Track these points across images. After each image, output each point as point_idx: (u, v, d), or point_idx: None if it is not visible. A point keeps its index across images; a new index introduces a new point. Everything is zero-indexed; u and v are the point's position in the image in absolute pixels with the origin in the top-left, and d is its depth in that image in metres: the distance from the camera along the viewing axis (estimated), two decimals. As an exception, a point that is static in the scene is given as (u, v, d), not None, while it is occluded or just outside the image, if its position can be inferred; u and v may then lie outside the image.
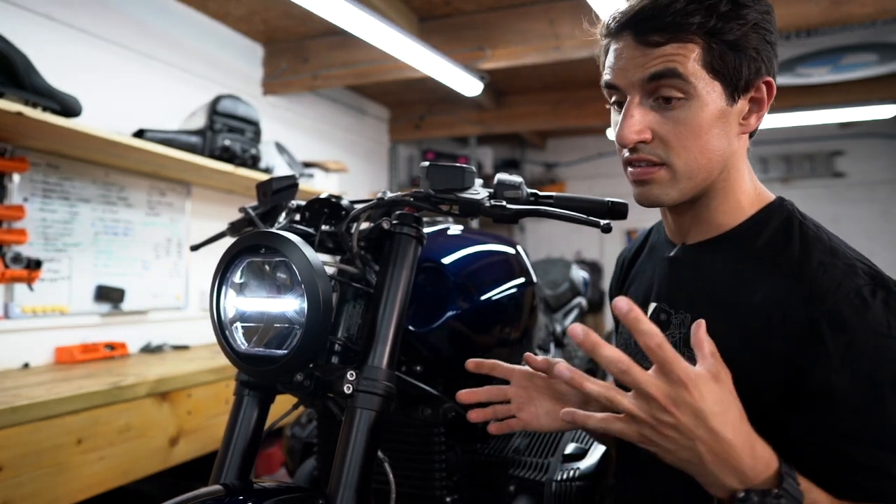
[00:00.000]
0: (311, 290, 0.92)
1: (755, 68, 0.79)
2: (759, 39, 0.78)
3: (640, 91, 0.81)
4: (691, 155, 0.81)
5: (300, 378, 1.00)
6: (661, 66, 0.78)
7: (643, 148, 0.83)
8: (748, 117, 0.83)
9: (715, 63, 0.78)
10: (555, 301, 1.98)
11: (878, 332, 0.70)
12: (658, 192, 0.85)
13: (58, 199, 2.23)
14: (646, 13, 0.78)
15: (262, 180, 2.59)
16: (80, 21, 2.37)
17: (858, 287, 0.72)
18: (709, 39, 0.77)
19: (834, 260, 0.76)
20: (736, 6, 0.77)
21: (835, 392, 0.69)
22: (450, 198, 1.05)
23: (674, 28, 0.77)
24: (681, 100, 0.79)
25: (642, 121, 0.81)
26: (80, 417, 1.61)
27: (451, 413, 1.20)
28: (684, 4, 0.76)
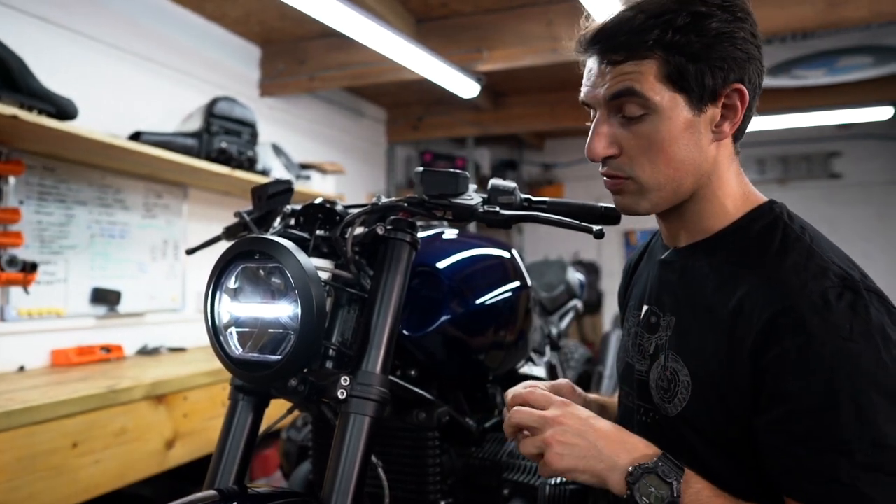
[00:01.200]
0: (304, 295, 0.93)
1: (721, 77, 0.79)
2: (724, 48, 0.78)
3: (606, 108, 0.84)
4: (657, 167, 0.83)
5: (294, 383, 1.00)
6: (620, 86, 0.81)
7: (611, 163, 0.86)
8: (721, 125, 0.83)
9: (674, 76, 0.79)
10: (551, 303, 1.98)
11: (837, 334, 0.69)
12: (630, 201, 0.88)
13: (54, 201, 2.23)
14: (606, 32, 0.81)
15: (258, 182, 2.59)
16: (76, 23, 2.37)
17: (824, 289, 0.72)
18: (667, 54, 0.78)
19: (807, 262, 0.76)
20: (696, 17, 0.77)
21: (789, 393, 0.70)
22: (444, 203, 1.06)
23: (631, 46, 0.79)
24: (643, 115, 0.81)
25: (609, 136, 0.85)
26: (75, 421, 1.61)
27: (446, 417, 1.20)
28: (641, 21, 0.78)
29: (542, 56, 2.86)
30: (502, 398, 1.47)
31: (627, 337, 1.01)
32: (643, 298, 0.98)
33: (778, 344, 0.71)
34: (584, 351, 2.30)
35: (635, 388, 0.93)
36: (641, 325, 0.95)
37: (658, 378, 0.87)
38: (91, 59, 2.44)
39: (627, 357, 0.98)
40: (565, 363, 2.17)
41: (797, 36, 2.83)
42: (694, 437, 0.81)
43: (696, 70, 0.78)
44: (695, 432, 0.81)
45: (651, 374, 0.88)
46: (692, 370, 0.81)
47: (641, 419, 0.91)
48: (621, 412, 1.00)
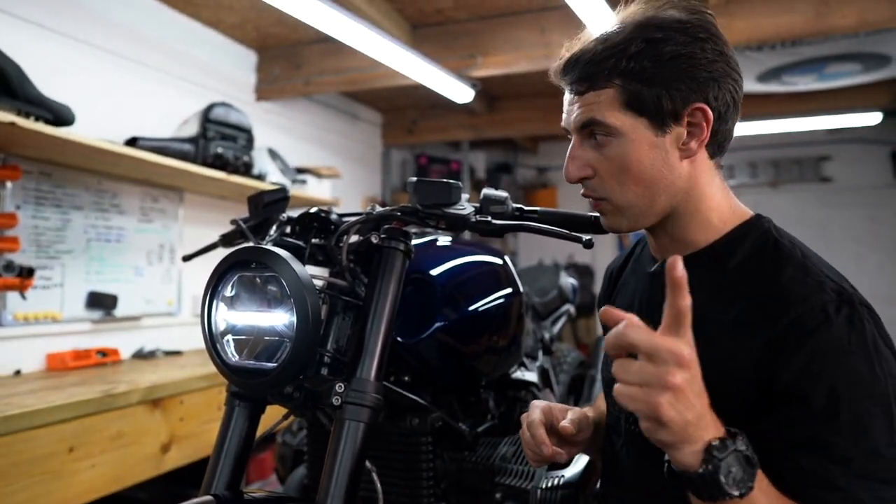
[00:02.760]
0: (300, 304, 0.95)
1: (680, 99, 0.82)
2: (681, 70, 0.82)
3: (579, 134, 0.89)
4: (626, 188, 0.87)
5: (290, 390, 1.02)
6: (584, 117, 0.86)
7: (587, 184, 0.91)
8: (688, 143, 0.85)
9: (632, 102, 0.83)
10: (543, 308, 2.01)
11: (838, 346, 0.73)
12: (611, 221, 0.93)
13: (50, 206, 2.25)
14: (570, 64, 0.87)
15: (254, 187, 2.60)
16: (73, 29, 2.38)
17: (823, 302, 0.75)
18: (623, 81, 0.83)
19: (804, 277, 0.79)
20: (650, 43, 0.82)
21: (793, 400, 0.73)
22: (437, 213, 1.08)
23: (591, 77, 0.84)
24: (609, 138, 0.86)
25: (582, 160, 0.89)
26: (72, 425, 1.63)
27: (439, 422, 1.22)
28: (599, 52, 0.84)
29: (535, 62, 2.88)
30: (495, 403, 1.49)
31: None
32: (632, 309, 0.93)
33: (784, 353, 0.74)
34: (576, 354, 2.32)
35: None
36: None
37: None
38: (88, 65, 2.45)
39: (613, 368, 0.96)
40: (558, 367, 2.19)
41: (787, 43, 2.86)
42: None
43: (652, 94, 0.82)
44: None
45: None
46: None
47: (631, 428, 0.92)
48: (609, 421, 1.02)
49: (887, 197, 5.18)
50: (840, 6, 2.51)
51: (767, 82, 3.40)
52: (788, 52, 2.94)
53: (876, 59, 3.06)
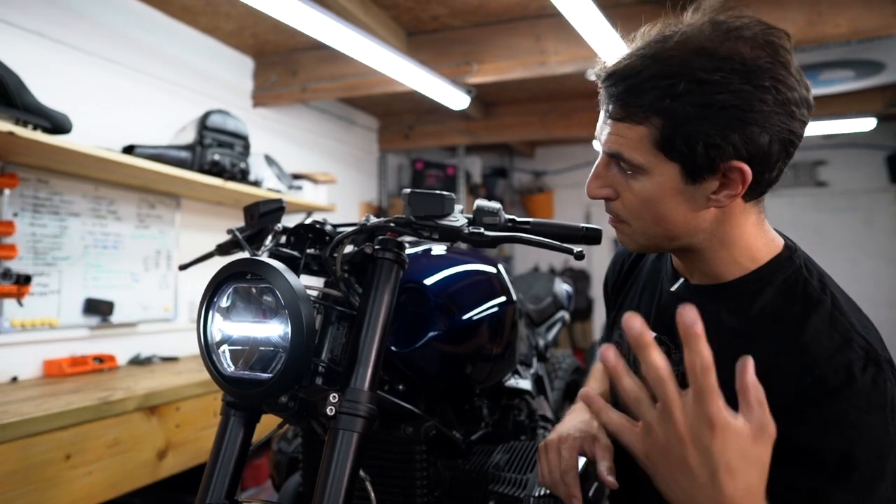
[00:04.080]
0: (294, 316, 0.96)
1: (717, 153, 0.74)
2: (729, 124, 0.72)
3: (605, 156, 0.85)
4: (646, 222, 0.84)
5: (285, 399, 1.03)
6: (612, 148, 0.81)
7: (608, 204, 0.88)
8: (718, 194, 0.78)
9: (665, 145, 0.76)
10: (538, 315, 2.02)
11: (858, 407, 0.71)
12: (626, 241, 0.90)
13: (48, 213, 2.26)
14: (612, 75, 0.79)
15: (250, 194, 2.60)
16: (70, 38, 2.40)
17: (850, 361, 0.72)
18: (661, 121, 0.75)
19: (831, 331, 0.76)
20: (700, 86, 0.72)
21: (807, 453, 0.71)
22: (430, 224, 1.09)
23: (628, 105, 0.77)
24: (635, 173, 0.80)
25: (605, 180, 0.85)
26: (68, 433, 1.63)
27: (432, 431, 1.23)
28: (644, 79, 0.75)
29: (530, 69, 2.90)
30: (489, 410, 1.51)
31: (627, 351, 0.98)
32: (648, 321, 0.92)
33: (804, 409, 0.72)
34: (571, 360, 2.34)
35: None
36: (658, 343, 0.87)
37: None
38: (86, 73, 2.46)
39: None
40: (553, 373, 2.20)
41: (780, 50, 2.89)
42: None
43: (688, 145, 0.74)
44: None
45: None
46: None
47: None
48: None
49: (882, 201, 5.21)
50: (832, 15, 2.53)
51: (761, 89, 3.42)
52: (782, 59, 2.96)
53: (868, 65, 3.09)
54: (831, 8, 2.54)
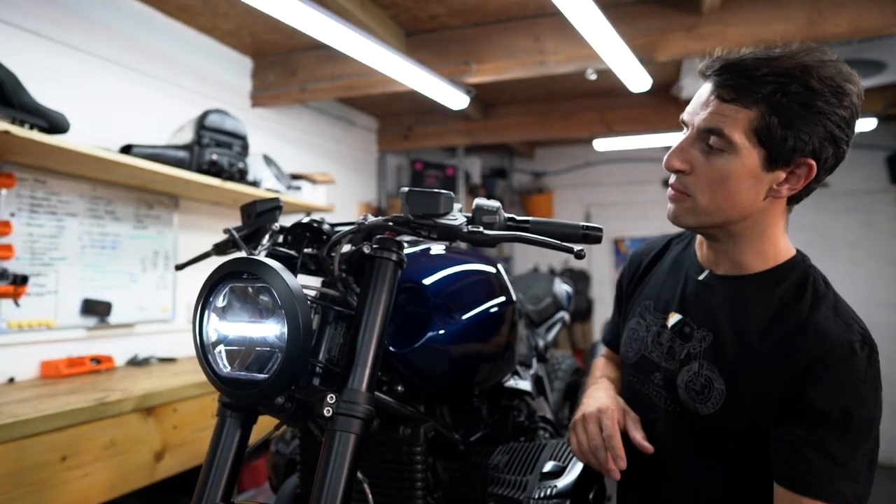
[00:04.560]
0: (291, 315, 0.95)
1: (801, 147, 0.91)
2: (816, 125, 0.90)
3: (696, 133, 0.98)
4: (715, 197, 0.97)
5: (281, 400, 1.02)
6: (712, 123, 0.94)
7: (680, 177, 1.01)
8: (781, 186, 0.95)
9: (762, 132, 0.91)
10: (537, 316, 2.01)
11: (857, 377, 0.90)
12: (679, 213, 1.03)
13: (45, 213, 2.24)
14: (727, 66, 0.94)
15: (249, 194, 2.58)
16: (68, 37, 2.38)
17: (851, 341, 0.92)
18: (768, 110, 0.90)
19: (836, 317, 0.95)
20: (807, 91, 0.89)
21: (816, 412, 0.90)
22: (428, 223, 1.08)
23: (742, 91, 0.91)
24: (722, 151, 0.94)
25: (687, 154, 0.99)
26: (64, 434, 1.62)
27: (431, 432, 1.22)
28: (763, 74, 0.90)
29: (529, 69, 2.89)
30: (488, 411, 1.49)
31: (645, 333, 1.14)
32: (669, 306, 1.12)
33: (814, 378, 0.91)
34: (571, 361, 2.32)
35: (659, 380, 1.09)
36: (672, 331, 1.09)
37: (689, 381, 1.04)
38: (84, 73, 2.45)
39: (645, 350, 1.14)
40: (552, 374, 2.19)
41: (781, 50, 2.88)
42: (719, 434, 1.00)
43: (784, 134, 0.90)
44: (721, 429, 1.00)
45: (680, 375, 1.05)
46: (729, 382, 0.99)
47: (668, 409, 1.07)
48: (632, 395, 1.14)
49: (883, 202, 5.19)
50: (833, 14, 2.52)
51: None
52: (782, 58, 2.95)
53: (869, 65, 3.08)
54: (832, 7, 2.53)
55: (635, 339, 1.17)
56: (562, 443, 1.32)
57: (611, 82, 3.00)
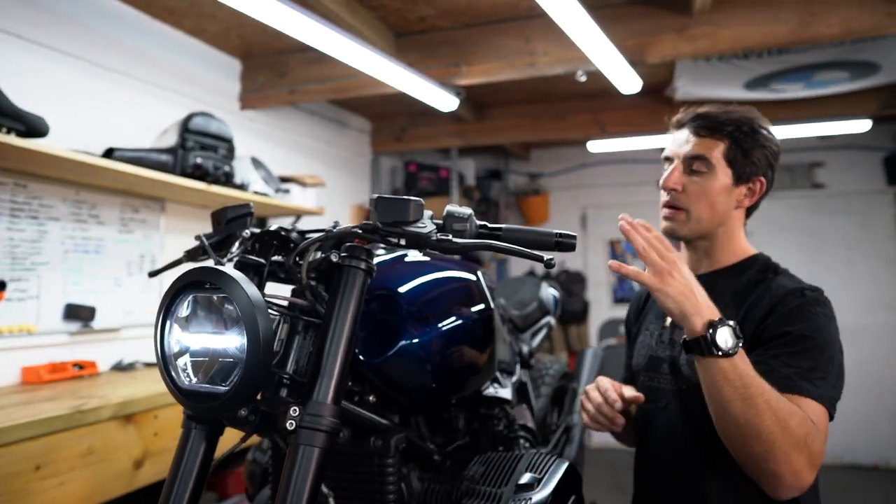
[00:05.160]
0: (250, 327, 0.92)
1: (754, 170, 1.27)
2: (763, 154, 1.27)
3: (683, 163, 1.29)
4: (702, 207, 1.27)
5: (245, 413, 1.00)
6: (697, 151, 1.27)
7: (674, 195, 1.29)
8: (742, 199, 1.29)
9: (730, 157, 1.26)
10: (522, 321, 1.98)
11: (808, 310, 1.16)
12: (676, 226, 1.30)
13: (26, 217, 2.22)
14: (699, 115, 1.29)
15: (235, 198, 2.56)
16: (52, 40, 2.36)
17: (802, 288, 1.20)
18: (732, 142, 1.25)
19: (790, 281, 1.24)
20: (755, 131, 1.27)
21: (779, 336, 1.15)
22: (397, 231, 1.06)
23: (714, 130, 1.27)
24: (704, 173, 1.26)
25: (679, 178, 1.28)
26: (38, 443, 1.60)
27: (403, 444, 1.19)
28: (725, 119, 1.27)
29: (519, 70, 2.87)
30: (466, 421, 1.47)
31: (650, 339, 1.38)
32: None
33: (773, 314, 1.17)
34: (559, 366, 2.30)
35: (666, 369, 1.31)
36: (672, 326, 1.33)
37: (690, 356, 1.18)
38: (70, 77, 2.43)
39: (651, 352, 1.36)
40: (539, 379, 2.17)
41: (773, 51, 2.85)
42: None
43: (744, 160, 1.25)
44: None
45: (682, 355, 1.26)
46: None
47: (676, 389, 1.28)
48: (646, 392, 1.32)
49: (879, 203, 5.16)
50: (825, 15, 2.50)
51: (755, 90, 3.39)
52: (775, 59, 2.93)
53: (862, 66, 3.05)
54: (824, 8, 2.50)
55: (643, 346, 1.40)
56: (540, 453, 1.29)
57: (604, 84, 2.98)
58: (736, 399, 1.03)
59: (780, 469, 1.03)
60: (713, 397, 1.06)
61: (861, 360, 4.44)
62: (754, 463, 1.06)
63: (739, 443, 1.06)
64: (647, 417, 1.35)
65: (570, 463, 1.26)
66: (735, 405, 1.03)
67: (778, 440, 1.02)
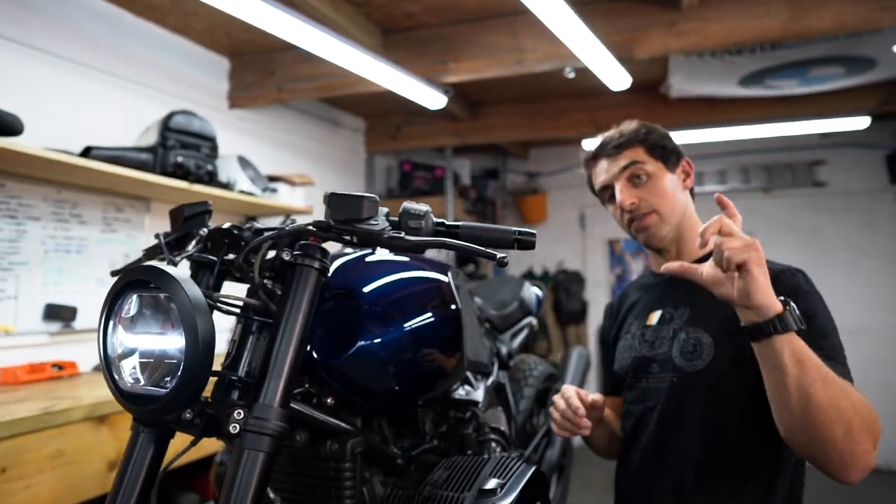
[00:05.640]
0: (189, 327, 0.90)
1: (675, 154, 1.38)
2: (670, 143, 1.39)
3: (622, 178, 1.36)
4: (665, 202, 1.33)
5: (190, 416, 0.97)
6: (627, 160, 1.35)
7: (635, 207, 1.33)
8: (685, 181, 1.40)
9: (652, 153, 1.36)
10: (501, 321, 1.94)
11: (804, 289, 1.19)
12: (654, 230, 1.34)
13: (4, 217, 2.20)
14: (605, 143, 1.39)
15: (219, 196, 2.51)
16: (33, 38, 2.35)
17: (789, 268, 1.23)
18: (643, 144, 1.36)
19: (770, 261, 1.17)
20: (650, 130, 1.38)
21: None
22: (348, 228, 1.03)
23: (623, 143, 1.37)
24: (645, 175, 1.34)
25: (630, 192, 1.34)
26: (2, 446, 1.57)
27: (359, 447, 1.16)
28: (623, 134, 1.38)
29: (507, 67, 2.83)
30: (433, 423, 1.43)
31: (633, 340, 1.38)
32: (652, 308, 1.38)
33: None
34: (544, 367, 2.26)
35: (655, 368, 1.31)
36: (658, 323, 1.34)
37: (682, 347, 1.27)
38: (51, 75, 2.41)
39: (636, 353, 1.36)
40: (523, 380, 2.13)
41: (766, 47, 2.80)
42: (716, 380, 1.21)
43: (663, 150, 1.36)
44: (718, 375, 1.21)
45: (673, 349, 1.28)
46: (713, 333, 1.23)
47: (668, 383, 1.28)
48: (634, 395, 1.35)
49: (882, 202, 5.09)
50: (816, 9, 2.45)
51: (750, 86, 3.34)
52: (768, 55, 2.88)
53: (858, 62, 3.00)
54: (815, 2, 2.45)
55: (626, 349, 1.40)
56: (507, 457, 1.25)
57: (598, 82, 2.94)
58: (818, 379, 0.98)
59: (858, 449, 0.98)
60: (796, 382, 0.98)
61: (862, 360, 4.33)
62: (832, 447, 0.99)
63: (820, 428, 0.98)
64: (636, 419, 1.34)
65: (536, 468, 1.23)
66: (817, 385, 0.98)
67: (854, 419, 0.99)
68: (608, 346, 1.52)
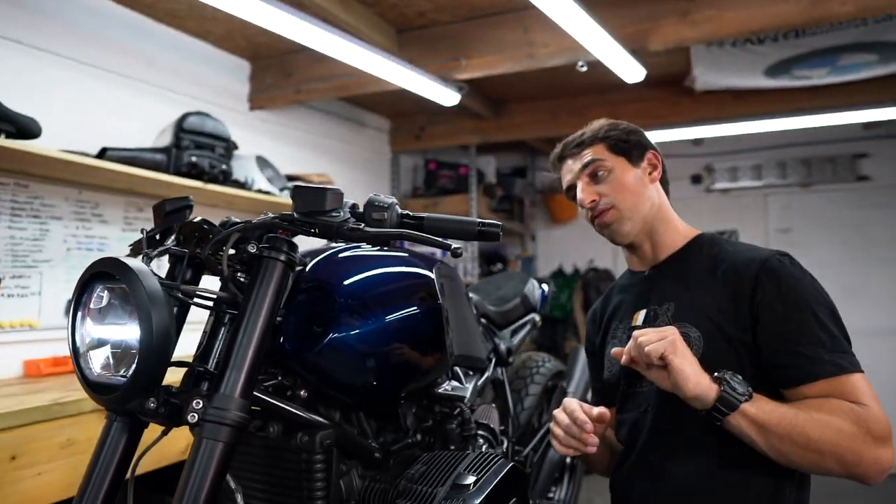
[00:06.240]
0: (144, 317, 0.92)
1: (640, 148, 1.35)
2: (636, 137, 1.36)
3: (584, 178, 1.33)
4: (625, 196, 1.30)
5: (154, 405, 0.99)
6: (586, 159, 1.33)
7: (595, 204, 1.31)
8: (651, 174, 1.35)
9: (615, 148, 1.33)
10: (501, 317, 1.92)
11: (794, 276, 1.16)
12: (616, 228, 1.31)
13: (27, 217, 2.30)
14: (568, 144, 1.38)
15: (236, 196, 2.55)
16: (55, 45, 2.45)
17: (774, 255, 1.19)
18: (606, 140, 1.33)
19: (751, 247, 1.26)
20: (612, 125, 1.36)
21: (777, 314, 1.13)
22: (310, 220, 1.04)
23: (586, 142, 1.35)
24: (606, 171, 1.32)
25: (591, 189, 1.32)
26: (13, 434, 1.64)
27: (329, 440, 1.16)
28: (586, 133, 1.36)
29: (519, 62, 2.81)
30: (416, 418, 1.43)
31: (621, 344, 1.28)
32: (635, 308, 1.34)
33: (763, 287, 1.14)
34: (552, 364, 2.22)
35: None
36: (643, 322, 1.30)
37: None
38: (74, 79, 2.51)
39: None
40: (529, 377, 2.10)
41: (790, 35, 2.69)
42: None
43: (626, 145, 1.33)
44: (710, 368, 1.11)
45: None
46: (701, 327, 1.19)
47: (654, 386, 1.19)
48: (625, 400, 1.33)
49: (931, 196, 4.83)
50: (838, -8, 2.34)
51: (777, 77, 3.21)
52: (792, 43, 2.76)
53: (893, 47, 2.85)
54: (837, -15, 2.34)
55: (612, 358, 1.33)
56: (485, 453, 1.24)
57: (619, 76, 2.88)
58: (786, 436, 1.02)
59: (861, 465, 1.02)
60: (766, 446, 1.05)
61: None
62: (835, 473, 1.05)
63: (812, 467, 1.06)
64: (629, 424, 1.30)
65: (513, 464, 1.21)
66: (787, 442, 1.03)
67: (841, 445, 1.02)
68: (594, 353, 1.47)
